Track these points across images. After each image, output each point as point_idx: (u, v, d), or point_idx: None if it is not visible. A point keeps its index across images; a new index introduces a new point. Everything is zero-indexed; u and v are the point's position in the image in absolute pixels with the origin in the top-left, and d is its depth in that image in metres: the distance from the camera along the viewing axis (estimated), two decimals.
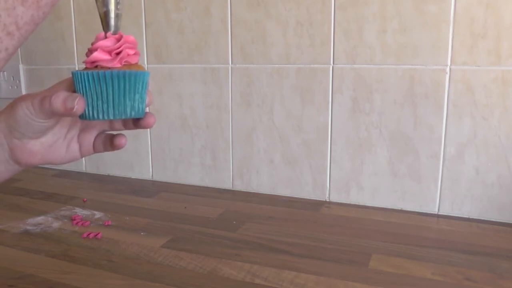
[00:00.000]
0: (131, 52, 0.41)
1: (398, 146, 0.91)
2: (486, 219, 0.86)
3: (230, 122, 1.05)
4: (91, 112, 0.41)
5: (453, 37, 0.83)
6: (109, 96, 0.40)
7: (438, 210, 0.90)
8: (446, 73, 0.85)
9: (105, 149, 0.47)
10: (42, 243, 0.76)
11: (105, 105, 0.40)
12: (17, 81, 1.29)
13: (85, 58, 0.43)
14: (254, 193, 1.05)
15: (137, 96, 0.42)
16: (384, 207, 0.94)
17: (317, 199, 0.99)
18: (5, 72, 1.30)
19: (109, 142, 0.47)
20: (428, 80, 0.86)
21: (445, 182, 0.88)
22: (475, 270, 0.66)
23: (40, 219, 0.87)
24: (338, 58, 0.92)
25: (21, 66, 1.28)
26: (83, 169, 1.26)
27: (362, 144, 0.93)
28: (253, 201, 0.99)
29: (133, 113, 0.42)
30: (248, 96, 1.02)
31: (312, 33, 0.94)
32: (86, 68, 0.42)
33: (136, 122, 0.45)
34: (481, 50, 0.81)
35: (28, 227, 0.82)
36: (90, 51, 0.41)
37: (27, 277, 0.63)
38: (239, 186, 1.07)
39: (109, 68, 0.41)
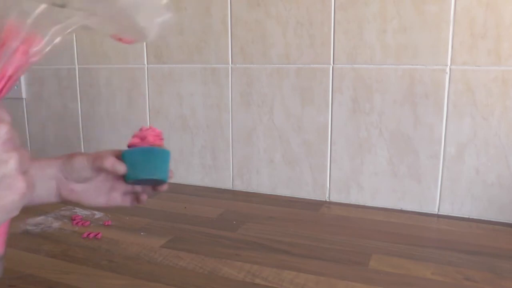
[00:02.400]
0: (156, 139, 0.59)
1: (398, 146, 0.91)
2: (486, 219, 0.86)
3: (230, 122, 1.05)
4: (126, 175, 0.55)
5: (453, 37, 0.83)
6: (138, 164, 0.56)
7: (438, 210, 0.90)
8: (446, 73, 0.85)
9: (131, 203, 0.60)
10: (42, 243, 0.76)
11: (135, 171, 0.55)
12: (17, 81, 1.29)
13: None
14: (254, 193, 1.05)
15: (157, 164, 0.58)
16: (384, 207, 0.94)
17: (317, 199, 0.99)
18: None
19: (135, 198, 0.60)
20: (428, 80, 0.86)
21: (445, 182, 0.88)
22: (475, 270, 0.66)
23: (40, 219, 0.87)
24: (338, 58, 0.92)
25: None
26: None
27: (362, 144, 0.93)
28: (253, 201, 0.99)
29: (152, 175, 0.56)
30: (248, 96, 1.02)
31: (312, 33, 0.94)
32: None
33: (154, 186, 0.59)
34: (481, 50, 0.81)
35: (28, 227, 0.82)
36: (130, 140, 0.58)
37: (27, 277, 0.63)
38: (239, 186, 1.07)
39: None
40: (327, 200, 0.99)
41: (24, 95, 1.30)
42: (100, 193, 0.58)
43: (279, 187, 1.03)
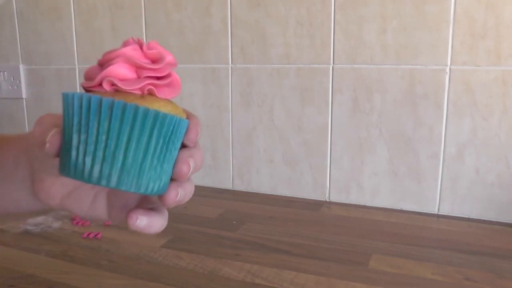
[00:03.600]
0: (165, 79, 0.28)
1: (398, 146, 0.91)
2: (486, 219, 0.86)
3: (230, 122, 1.05)
4: (75, 163, 0.26)
5: (453, 37, 0.83)
6: (108, 141, 0.25)
7: (438, 210, 0.90)
8: (446, 73, 0.85)
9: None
10: (42, 243, 0.76)
11: (98, 156, 0.25)
12: (17, 81, 1.29)
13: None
14: (254, 193, 1.05)
15: (160, 155, 0.27)
16: (384, 207, 0.94)
17: (317, 199, 0.99)
18: (5, 72, 1.30)
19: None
20: (428, 80, 0.86)
21: (445, 182, 0.88)
22: (475, 270, 0.66)
23: (40, 219, 0.87)
24: (338, 58, 0.92)
25: (21, 66, 1.28)
26: None
27: (362, 144, 0.93)
28: (253, 201, 0.99)
29: (143, 186, 0.27)
30: (248, 96, 1.02)
31: (312, 33, 0.94)
32: (90, 91, 0.28)
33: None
34: (481, 50, 0.81)
35: (28, 227, 0.82)
36: (103, 63, 0.28)
37: (27, 277, 0.63)
38: (239, 186, 1.07)
39: (127, 93, 0.26)
40: (327, 200, 0.99)
41: (24, 95, 1.30)
42: (95, 199, 0.36)
43: (279, 187, 1.03)
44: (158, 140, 0.26)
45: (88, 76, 0.29)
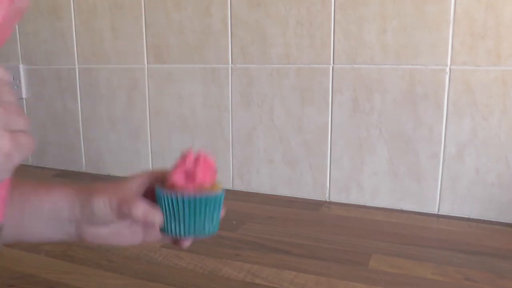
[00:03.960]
0: (207, 175, 0.43)
1: (398, 146, 0.91)
2: (486, 219, 0.86)
3: (230, 122, 1.05)
4: (164, 227, 0.44)
5: (453, 37, 0.83)
6: (181, 217, 0.43)
7: (438, 210, 0.90)
8: (446, 73, 0.85)
9: (174, 243, 0.48)
10: (42, 243, 0.76)
11: (177, 225, 0.43)
12: (17, 81, 1.29)
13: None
14: (254, 193, 1.05)
15: (206, 216, 0.44)
16: (384, 207, 0.94)
17: (317, 199, 0.99)
18: None
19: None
20: (428, 80, 0.86)
21: (445, 182, 0.88)
22: (475, 270, 0.66)
23: None
24: (338, 58, 0.92)
25: (21, 66, 1.28)
26: (83, 169, 1.26)
27: (362, 144, 0.93)
28: (253, 201, 0.99)
29: (198, 232, 0.44)
30: (248, 96, 1.02)
31: (312, 33, 0.94)
32: (164, 186, 0.44)
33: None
34: (481, 50, 0.81)
35: None
36: (170, 174, 0.43)
37: (27, 277, 0.63)
38: (239, 186, 1.07)
39: (184, 190, 0.42)
40: (327, 200, 0.99)
41: (24, 95, 1.30)
42: (133, 232, 0.46)
43: (279, 187, 1.03)
44: (214, 207, 0.44)
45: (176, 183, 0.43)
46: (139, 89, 1.14)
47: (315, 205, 0.96)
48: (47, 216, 0.44)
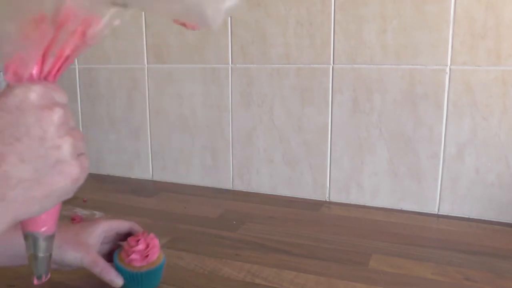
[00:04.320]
0: (155, 253, 0.57)
1: (398, 146, 0.91)
2: (486, 219, 0.86)
3: (230, 122, 1.05)
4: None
5: (453, 37, 0.83)
6: (139, 284, 0.57)
7: (438, 210, 0.90)
8: (446, 73, 0.85)
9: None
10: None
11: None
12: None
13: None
14: (254, 193, 1.05)
15: (156, 278, 0.60)
16: (384, 207, 0.94)
17: (317, 199, 0.99)
18: None
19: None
20: (428, 80, 0.86)
21: (445, 182, 0.88)
22: (475, 270, 0.66)
23: None
24: (338, 58, 0.92)
25: None
26: None
27: (362, 144, 0.93)
28: (253, 201, 0.99)
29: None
30: (248, 96, 1.02)
31: (312, 33, 0.94)
32: (122, 261, 0.57)
33: None
34: (481, 50, 0.81)
35: None
36: (127, 252, 0.56)
37: (27, 277, 0.63)
38: (239, 186, 1.07)
39: (140, 267, 0.56)
40: (327, 200, 0.99)
41: None
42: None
43: (279, 187, 1.03)
44: (161, 271, 0.60)
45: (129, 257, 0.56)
46: (139, 89, 1.14)
47: (315, 205, 0.96)
48: (12, 252, 0.50)
